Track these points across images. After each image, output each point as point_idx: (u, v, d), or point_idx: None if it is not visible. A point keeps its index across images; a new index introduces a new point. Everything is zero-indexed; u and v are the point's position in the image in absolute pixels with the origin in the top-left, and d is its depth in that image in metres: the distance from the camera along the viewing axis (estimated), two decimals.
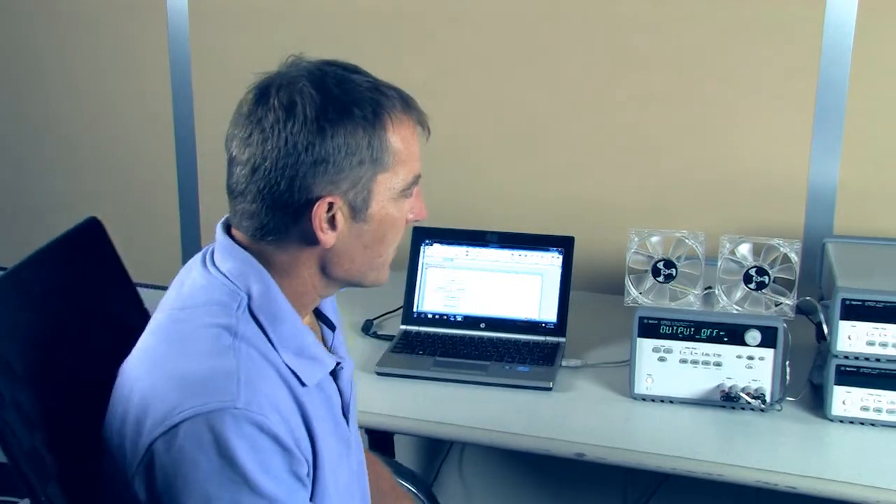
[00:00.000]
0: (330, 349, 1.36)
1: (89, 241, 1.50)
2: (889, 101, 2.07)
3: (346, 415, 1.32)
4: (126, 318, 1.47)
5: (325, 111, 1.16)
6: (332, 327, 1.37)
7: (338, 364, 1.29)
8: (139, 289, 1.56)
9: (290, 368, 1.20)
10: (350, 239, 1.22)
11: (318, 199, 1.18)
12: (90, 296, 1.45)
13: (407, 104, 1.23)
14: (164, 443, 1.11)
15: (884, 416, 1.67)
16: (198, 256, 1.28)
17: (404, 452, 2.57)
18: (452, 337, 2.01)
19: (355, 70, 1.22)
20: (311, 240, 1.20)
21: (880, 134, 2.09)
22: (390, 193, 1.22)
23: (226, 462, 1.10)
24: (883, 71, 2.06)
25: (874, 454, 1.61)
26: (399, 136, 1.21)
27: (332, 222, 1.20)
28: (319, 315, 1.36)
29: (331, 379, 1.29)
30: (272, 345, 1.20)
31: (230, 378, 1.13)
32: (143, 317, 1.48)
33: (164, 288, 1.31)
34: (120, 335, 1.30)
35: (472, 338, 2.01)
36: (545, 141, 2.34)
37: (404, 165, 1.22)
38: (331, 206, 1.19)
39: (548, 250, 2.04)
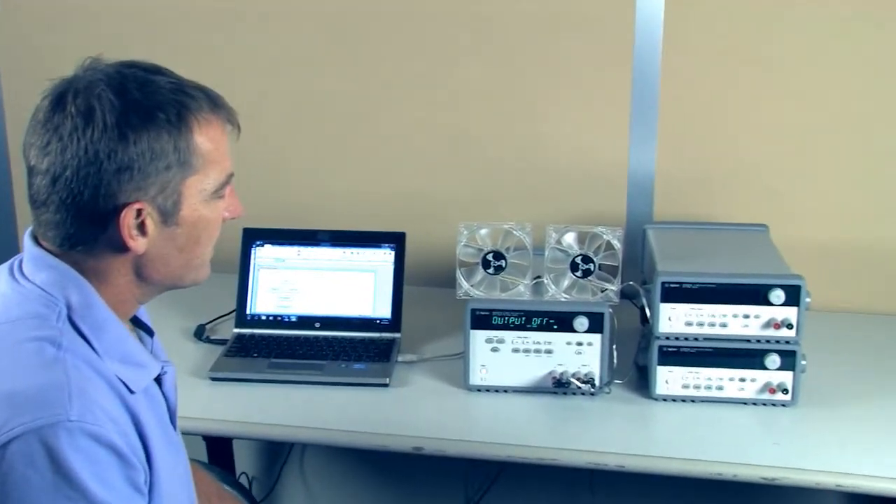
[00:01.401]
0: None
1: None
2: (697, 91, 2.18)
3: (172, 421, 1.31)
4: None
5: (125, 117, 1.14)
6: (150, 332, 1.35)
7: (162, 368, 1.28)
8: None
9: (117, 376, 1.18)
10: (162, 243, 1.20)
11: (124, 206, 1.15)
12: None
13: (214, 103, 1.21)
14: None
15: (702, 392, 1.77)
16: (1, 270, 1.24)
17: (244, 458, 2.54)
18: (287, 338, 2.01)
19: (157, 71, 1.20)
20: (122, 247, 1.18)
21: (691, 123, 2.20)
22: (202, 195, 1.21)
23: (61, 478, 1.07)
24: (690, 62, 2.16)
25: (694, 429, 1.70)
26: (207, 137, 1.19)
27: (141, 228, 1.18)
28: (135, 321, 1.34)
29: (156, 385, 1.27)
30: (97, 353, 1.17)
31: (61, 391, 1.10)
32: None
33: None
34: None
35: (307, 338, 2.01)
36: (371, 138, 2.35)
37: (215, 166, 1.21)
38: (139, 212, 1.17)
39: (380, 247, 2.06)
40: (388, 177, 2.36)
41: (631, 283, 1.86)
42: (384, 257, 2.06)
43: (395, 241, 2.06)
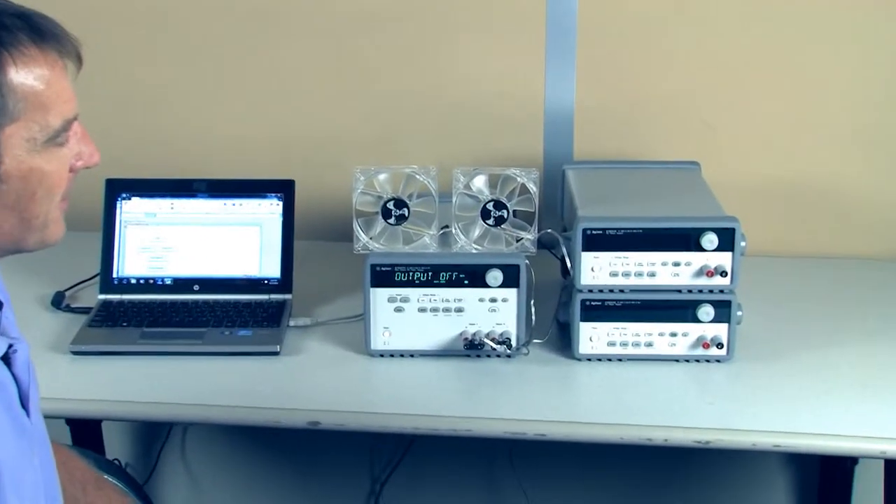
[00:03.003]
0: None
1: None
2: (620, 15, 2.19)
3: (25, 406, 1.28)
4: None
5: None
6: None
7: (10, 347, 1.24)
8: None
9: None
10: None
11: None
12: None
13: (38, 34, 1.15)
14: None
15: (629, 350, 1.80)
16: None
17: (115, 442, 2.52)
18: (162, 303, 1.99)
19: None
20: None
21: (614, 51, 2.22)
22: (30, 145, 1.16)
23: None
24: None
25: (622, 391, 1.73)
26: (30, 76, 1.14)
27: None
28: None
29: (3, 366, 1.24)
30: None
31: None
32: None
33: None
34: None
35: (184, 303, 1.99)
36: (253, 74, 2.32)
37: (46, 110, 1.16)
38: None
39: (265, 197, 2.05)
40: (274, 117, 2.34)
41: (549, 230, 1.87)
42: (270, 209, 2.04)
43: (283, 189, 2.05)
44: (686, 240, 1.75)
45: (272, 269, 2.03)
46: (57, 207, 1.23)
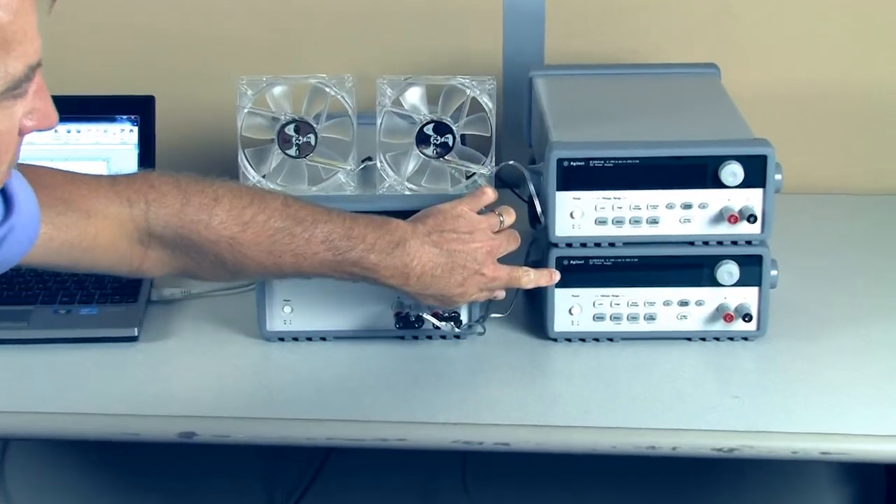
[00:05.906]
0: None
1: None
2: None
3: None
4: None
5: None
6: None
7: None
8: None
9: None
10: None
11: None
12: None
13: None
14: None
15: (623, 326, 1.80)
16: None
17: None
18: None
19: None
20: None
21: None
22: None
23: None
24: None
25: (611, 382, 1.73)
26: None
27: None
28: None
29: None
30: None
31: None
32: None
33: None
34: None
35: None
36: None
37: (7, 50, 1.14)
38: None
39: (114, 121, 2.06)
40: (123, 12, 2.33)
41: (511, 162, 1.87)
42: (122, 136, 2.05)
43: (139, 109, 2.06)
44: (700, 172, 1.76)
45: None
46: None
